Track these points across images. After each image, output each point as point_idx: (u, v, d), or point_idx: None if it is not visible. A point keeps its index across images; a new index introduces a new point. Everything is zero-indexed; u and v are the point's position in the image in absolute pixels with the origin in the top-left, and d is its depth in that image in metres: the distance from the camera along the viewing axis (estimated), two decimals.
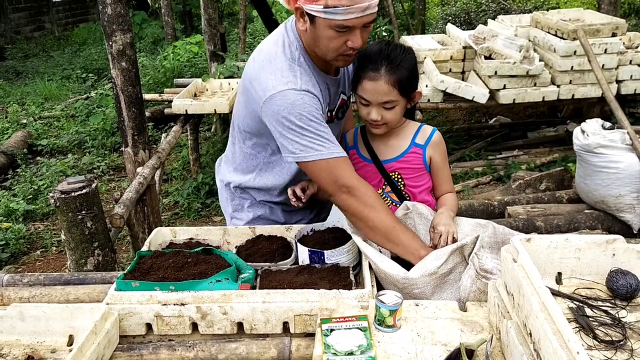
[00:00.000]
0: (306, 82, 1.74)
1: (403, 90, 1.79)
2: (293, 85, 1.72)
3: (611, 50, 4.79)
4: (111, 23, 3.20)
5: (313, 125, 1.71)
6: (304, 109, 1.70)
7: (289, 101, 1.70)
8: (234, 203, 2.16)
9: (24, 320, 1.54)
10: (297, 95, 1.71)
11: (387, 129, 1.88)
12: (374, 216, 1.71)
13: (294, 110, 1.70)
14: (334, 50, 1.71)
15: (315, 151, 1.71)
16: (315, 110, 1.73)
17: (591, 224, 2.87)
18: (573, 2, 10.99)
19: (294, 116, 1.70)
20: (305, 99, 1.71)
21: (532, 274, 1.15)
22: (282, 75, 1.73)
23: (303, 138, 1.71)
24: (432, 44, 5.60)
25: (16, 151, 6.32)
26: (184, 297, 1.56)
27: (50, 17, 15.28)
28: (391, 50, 1.79)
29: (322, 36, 1.69)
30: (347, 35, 1.67)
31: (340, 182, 1.72)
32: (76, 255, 2.62)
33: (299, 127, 1.70)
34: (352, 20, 1.62)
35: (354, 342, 1.33)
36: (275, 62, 1.77)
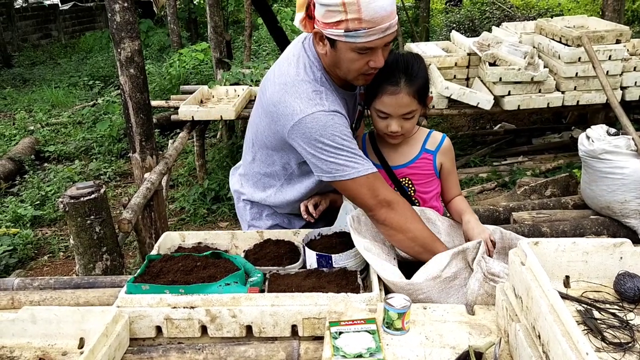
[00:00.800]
0: (332, 103, 1.74)
1: (421, 99, 1.81)
2: (321, 107, 1.71)
3: (615, 57, 4.80)
4: (120, 30, 3.24)
5: (346, 145, 1.71)
6: (335, 129, 1.70)
7: (321, 124, 1.69)
8: (252, 211, 2.16)
9: (35, 323, 1.55)
10: (327, 117, 1.70)
11: (404, 138, 1.90)
12: (414, 227, 1.73)
13: (326, 132, 1.69)
14: (355, 71, 1.72)
15: (353, 169, 1.71)
16: (345, 129, 1.73)
17: (596, 230, 2.88)
18: (577, 9, 11.01)
19: (326, 138, 1.69)
20: (336, 119, 1.71)
21: (541, 276, 1.16)
22: (309, 98, 1.72)
23: (339, 158, 1.71)
24: (436, 51, 5.63)
25: (24, 157, 6.37)
26: (194, 300, 1.57)
27: (57, 25, 15.40)
28: (407, 62, 1.79)
29: (343, 59, 1.69)
30: (369, 56, 1.67)
31: (380, 197, 1.72)
32: (85, 260, 2.64)
33: (333, 147, 1.70)
34: (374, 41, 1.62)
35: (363, 345, 1.34)
36: (299, 85, 1.75)
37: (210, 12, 6.29)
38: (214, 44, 6.37)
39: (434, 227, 1.82)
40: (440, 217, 1.85)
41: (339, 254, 1.79)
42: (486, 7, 10.29)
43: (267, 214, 2.14)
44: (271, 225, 2.14)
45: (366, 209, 1.77)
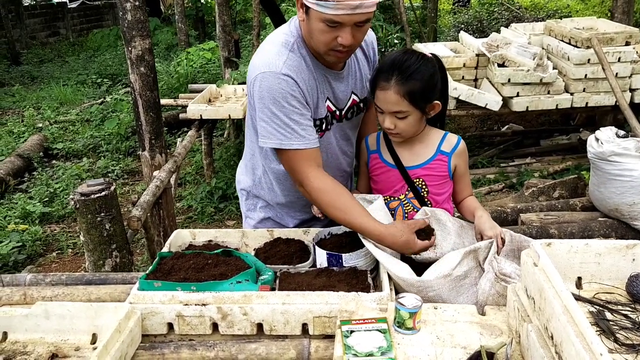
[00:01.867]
0: (290, 67, 1.76)
1: (414, 102, 1.78)
2: (274, 68, 1.74)
3: (625, 59, 4.79)
4: (131, 29, 3.25)
5: (284, 112, 1.75)
6: (278, 93, 1.73)
7: (267, 84, 1.74)
8: (247, 202, 2.20)
9: (48, 319, 1.56)
10: (275, 78, 1.74)
11: (402, 138, 1.89)
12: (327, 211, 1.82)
13: (269, 93, 1.74)
14: (324, 44, 1.72)
15: (277, 139, 1.77)
16: (290, 96, 1.75)
17: (605, 232, 2.87)
18: (586, 10, 10.97)
19: (268, 100, 1.74)
20: (283, 84, 1.74)
21: (554, 277, 1.16)
22: (268, 58, 1.77)
23: (270, 123, 1.77)
24: (444, 51, 5.62)
25: (32, 154, 6.41)
26: (205, 297, 1.58)
27: (65, 23, 15.48)
28: (405, 60, 1.78)
29: (314, 28, 1.71)
30: (338, 31, 1.68)
31: (295, 176, 1.82)
32: (94, 257, 2.66)
33: (270, 111, 1.75)
34: (341, 16, 1.63)
35: (374, 344, 1.35)
36: (266, 46, 1.83)
37: (218, 11, 6.30)
38: (222, 43, 6.39)
39: (444, 228, 1.82)
40: (451, 218, 1.85)
41: (349, 253, 1.79)
42: (495, 7, 10.26)
43: (260, 206, 2.16)
44: (264, 217, 2.16)
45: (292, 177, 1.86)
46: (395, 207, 1.96)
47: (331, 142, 1.99)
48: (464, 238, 1.86)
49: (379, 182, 2.00)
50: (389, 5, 9.88)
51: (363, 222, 1.73)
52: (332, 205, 1.78)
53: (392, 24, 9.34)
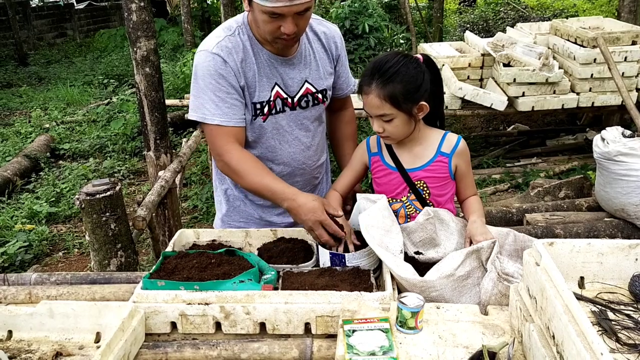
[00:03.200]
0: (221, 47, 1.85)
1: (397, 104, 1.76)
2: (207, 47, 1.86)
3: (631, 58, 4.76)
4: (136, 30, 3.27)
5: (211, 88, 1.85)
6: (207, 69, 1.84)
7: (198, 60, 1.87)
8: (217, 194, 2.26)
9: (53, 317, 1.57)
10: (206, 56, 1.85)
11: (394, 140, 1.89)
12: (243, 182, 1.91)
13: (199, 70, 1.86)
14: (269, 33, 1.80)
15: (201, 113, 1.87)
16: (217, 73, 1.84)
17: (611, 232, 2.85)
18: (593, 10, 10.92)
19: (199, 75, 1.86)
20: (211, 62, 1.84)
21: (555, 277, 1.16)
22: (208, 40, 1.90)
23: (198, 98, 1.88)
24: (450, 51, 5.61)
25: (39, 155, 6.45)
26: (208, 296, 1.58)
27: (72, 24, 15.57)
28: (385, 63, 1.77)
29: (258, 19, 1.78)
30: (280, 21, 1.74)
31: (214, 149, 1.92)
32: (100, 256, 2.67)
33: (198, 86, 1.87)
34: (280, 8, 1.69)
35: (376, 343, 1.35)
36: (214, 31, 1.94)
37: (224, 11, 6.33)
38: None
39: (447, 228, 1.82)
40: (454, 218, 1.85)
41: (352, 253, 1.79)
42: (500, 7, 10.24)
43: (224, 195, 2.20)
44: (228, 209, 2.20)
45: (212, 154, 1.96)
46: (397, 209, 1.96)
47: (282, 128, 2.02)
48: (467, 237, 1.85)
49: (381, 185, 1.99)
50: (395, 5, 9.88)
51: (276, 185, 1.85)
52: (249, 172, 1.87)
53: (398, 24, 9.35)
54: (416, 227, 1.80)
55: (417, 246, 1.81)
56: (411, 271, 1.63)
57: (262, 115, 1.96)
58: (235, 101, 1.88)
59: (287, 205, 1.83)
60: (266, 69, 1.93)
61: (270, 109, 1.97)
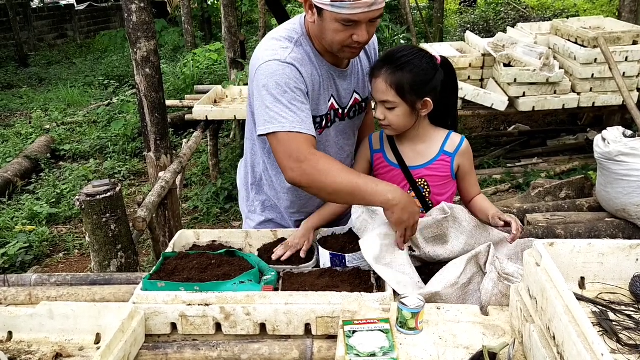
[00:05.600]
0: (294, 58, 1.76)
1: (401, 93, 1.78)
2: (278, 57, 1.74)
3: (632, 58, 4.76)
4: (136, 30, 3.27)
5: (287, 97, 1.72)
6: (281, 79, 1.72)
7: (270, 71, 1.73)
8: (248, 203, 2.20)
9: (53, 319, 1.57)
10: (279, 66, 1.73)
11: (394, 131, 1.89)
12: (330, 181, 1.68)
13: (272, 80, 1.73)
14: (339, 43, 1.73)
15: (280, 123, 1.71)
16: (293, 82, 1.74)
17: (612, 233, 2.85)
18: (593, 10, 10.91)
19: (271, 86, 1.73)
20: (287, 70, 1.73)
21: (556, 277, 1.16)
22: (272, 50, 1.77)
23: (273, 109, 1.72)
24: (450, 51, 5.61)
25: (40, 156, 6.45)
26: (208, 297, 1.58)
27: (72, 25, 15.58)
28: (399, 52, 1.81)
29: (328, 29, 1.71)
30: (353, 30, 1.69)
31: (294, 156, 1.70)
32: (100, 257, 2.67)
33: (272, 96, 1.72)
34: (358, 15, 1.64)
35: (377, 344, 1.35)
36: (270, 41, 1.82)
37: (224, 12, 6.32)
38: (228, 44, 6.41)
39: (459, 227, 1.80)
40: (468, 217, 1.82)
41: (352, 254, 1.79)
42: (501, 7, 10.23)
43: (261, 208, 2.15)
44: (264, 220, 2.15)
45: (281, 170, 1.77)
46: None
47: (331, 139, 1.99)
48: (478, 238, 1.84)
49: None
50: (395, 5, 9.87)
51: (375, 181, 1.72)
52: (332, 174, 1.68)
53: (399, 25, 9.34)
54: (431, 222, 1.78)
55: (427, 241, 1.79)
56: (412, 285, 1.62)
57: (319, 128, 1.91)
58: (309, 112, 1.78)
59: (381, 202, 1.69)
60: (326, 81, 1.87)
61: (326, 122, 1.93)
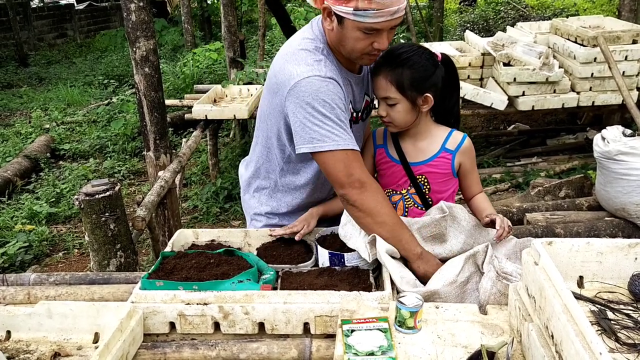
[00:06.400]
0: (331, 70, 1.75)
1: (402, 89, 1.80)
2: (318, 72, 1.71)
3: (632, 57, 4.75)
4: (135, 30, 3.27)
5: (335, 114, 1.70)
6: (327, 96, 1.70)
7: (314, 87, 1.69)
8: (256, 206, 2.16)
9: (51, 318, 1.57)
10: (322, 82, 1.70)
11: (396, 128, 1.90)
12: (384, 212, 1.72)
13: (318, 97, 1.69)
14: (360, 51, 1.73)
15: (333, 141, 1.69)
16: (339, 98, 1.73)
17: (611, 232, 2.85)
18: (593, 9, 10.90)
19: (317, 103, 1.69)
20: (330, 86, 1.71)
21: (554, 276, 1.16)
22: (307, 64, 1.73)
23: (323, 127, 1.69)
24: (450, 50, 5.60)
25: (39, 155, 6.44)
26: (207, 297, 1.58)
27: (72, 25, 15.58)
28: (400, 49, 1.83)
29: (349, 37, 1.70)
30: (374, 37, 1.69)
31: (355, 176, 1.71)
32: (99, 257, 2.67)
33: (321, 114, 1.69)
34: (381, 23, 1.64)
35: (375, 343, 1.34)
36: (300, 53, 1.77)
37: (224, 11, 6.32)
38: (228, 43, 6.40)
39: (458, 226, 1.80)
40: (467, 217, 1.83)
41: (351, 253, 1.79)
42: (501, 7, 10.23)
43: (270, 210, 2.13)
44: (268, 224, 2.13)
45: (338, 186, 1.75)
46: (396, 201, 1.97)
47: None
48: (477, 237, 1.84)
49: (383, 177, 2.01)
50: None
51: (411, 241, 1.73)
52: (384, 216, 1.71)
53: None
54: (429, 222, 1.78)
55: (426, 240, 1.79)
56: (412, 283, 1.63)
57: None
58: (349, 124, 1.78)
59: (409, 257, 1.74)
60: (346, 87, 1.85)
61: None
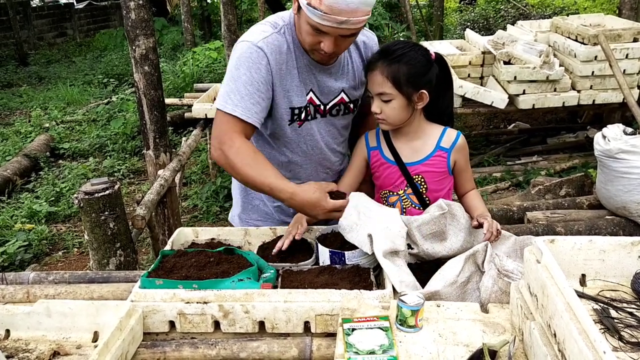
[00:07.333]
0: (267, 43, 1.78)
1: (398, 85, 1.79)
2: (252, 39, 1.78)
3: (632, 56, 4.75)
4: (135, 28, 3.26)
5: (243, 80, 1.76)
6: (245, 61, 1.77)
7: (241, 51, 1.78)
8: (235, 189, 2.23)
9: (50, 317, 1.56)
10: (249, 48, 1.77)
11: (390, 126, 1.89)
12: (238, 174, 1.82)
13: (238, 60, 1.78)
14: (308, 44, 1.78)
15: (226, 102, 1.78)
16: (255, 67, 1.76)
17: (612, 230, 2.85)
18: (593, 7, 10.89)
19: (234, 64, 1.79)
20: (254, 55, 1.76)
21: (556, 274, 1.15)
22: (252, 32, 1.82)
23: (227, 86, 1.79)
24: (450, 49, 5.60)
25: (39, 154, 6.44)
26: (207, 295, 1.57)
27: (72, 24, 15.57)
28: (395, 45, 1.84)
29: (302, 27, 1.76)
30: (322, 37, 1.72)
31: (219, 137, 1.79)
32: (99, 255, 2.66)
33: (232, 75, 1.78)
34: (326, 27, 1.66)
35: (376, 342, 1.34)
36: (259, 25, 1.86)
37: (224, 10, 6.31)
38: (228, 42, 6.39)
39: (457, 224, 1.79)
40: (465, 215, 1.82)
41: (352, 251, 1.78)
42: (501, 5, 10.22)
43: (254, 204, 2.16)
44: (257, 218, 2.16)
45: (215, 143, 1.82)
46: (394, 202, 1.96)
47: (313, 134, 1.99)
48: (475, 235, 1.84)
49: (379, 178, 1.99)
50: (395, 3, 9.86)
51: (274, 181, 1.77)
52: (247, 164, 1.77)
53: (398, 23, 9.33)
54: (429, 219, 1.77)
55: (425, 238, 1.79)
56: (412, 285, 1.62)
57: (298, 120, 1.93)
58: (261, 100, 1.81)
59: (289, 203, 1.80)
60: (304, 74, 1.88)
61: (306, 115, 1.94)
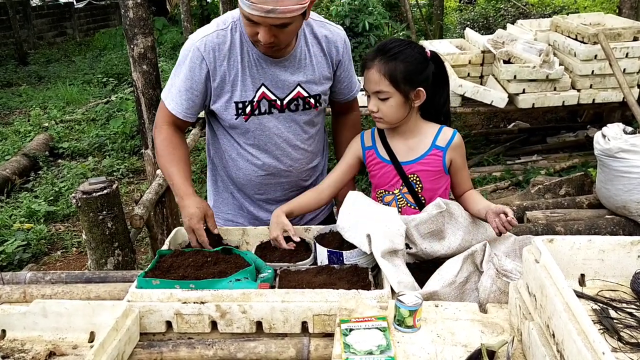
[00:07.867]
0: (207, 41, 1.87)
1: (395, 83, 1.79)
2: (194, 37, 1.91)
3: (632, 55, 4.74)
4: (133, 27, 3.25)
5: (181, 77, 1.92)
6: (184, 58, 1.91)
7: (184, 47, 1.93)
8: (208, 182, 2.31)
9: (46, 317, 1.55)
10: (189, 45, 1.91)
11: (386, 124, 1.88)
12: (158, 162, 2.04)
13: (181, 54, 1.94)
14: (249, 36, 1.82)
15: (166, 92, 1.98)
16: (190, 66, 1.89)
17: (612, 230, 2.84)
18: (593, 6, 10.88)
19: (179, 58, 1.95)
20: (191, 53, 1.89)
21: (555, 274, 1.14)
22: (202, 29, 1.94)
23: (170, 78, 1.97)
24: (450, 48, 5.59)
25: (38, 154, 6.43)
26: (204, 295, 1.56)
27: (72, 23, 15.57)
28: (391, 43, 1.83)
29: (242, 20, 1.81)
30: (257, 28, 1.74)
31: (157, 122, 2.02)
32: (97, 255, 2.65)
33: (175, 67, 1.95)
34: (255, 16, 1.69)
35: (374, 342, 1.33)
36: (211, 22, 1.96)
37: (223, 9, 6.31)
38: None
39: (455, 223, 1.78)
40: (464, 213, 1.81)
41: (350, 251, 1.77)
42: (501, 4, 10.22)
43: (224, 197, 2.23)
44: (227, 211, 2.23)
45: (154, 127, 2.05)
46: (389, 202, 1.95)
47: (269, 129, 2.00)
48: (475, 234, 1.83)
49: (375, 177, 1.99)
50: (395, 3, 9.85)
51: (176, 179, 1.94)
52: (164, 155, 1.98)
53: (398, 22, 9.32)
54: (426, 218, 1.76)
55: (423, 237, 1.78)
56: (411, 285, 1.61)
57: (243, 115, 1.95)
58: (194, 98, 1.93)
59: (177, 201, 1.95)
60: (253, 68, 1.91)
61: (253, 109, 1.95)
